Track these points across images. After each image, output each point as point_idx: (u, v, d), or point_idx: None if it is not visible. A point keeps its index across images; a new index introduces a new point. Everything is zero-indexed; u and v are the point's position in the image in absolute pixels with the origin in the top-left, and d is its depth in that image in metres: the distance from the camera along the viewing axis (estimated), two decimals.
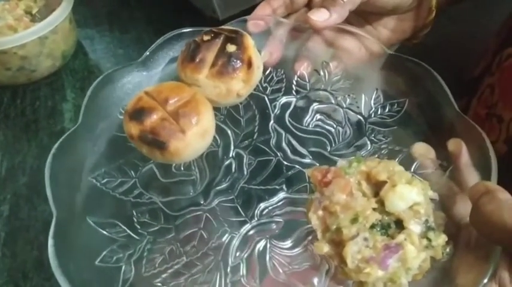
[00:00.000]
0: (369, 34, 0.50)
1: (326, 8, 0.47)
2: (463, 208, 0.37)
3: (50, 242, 0.35)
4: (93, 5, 0.86)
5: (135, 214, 0.41)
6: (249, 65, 0.43)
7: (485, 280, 0.32)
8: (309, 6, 0.51)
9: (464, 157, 0.40)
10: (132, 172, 0.44)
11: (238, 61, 0.43)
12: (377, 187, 0.38)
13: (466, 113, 0.58)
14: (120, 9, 0.85)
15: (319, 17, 0.46)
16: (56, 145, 0.41)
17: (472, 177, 0.39)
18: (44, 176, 0.58)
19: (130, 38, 0.79)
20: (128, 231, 0.40)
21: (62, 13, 0.67)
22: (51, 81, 0.72)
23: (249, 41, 0.45)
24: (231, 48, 0.43)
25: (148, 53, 0.48)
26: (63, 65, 0.74)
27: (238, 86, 0.44)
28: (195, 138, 0.40)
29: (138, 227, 0.41)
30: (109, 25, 0.82)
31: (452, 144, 0.41)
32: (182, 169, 0.44)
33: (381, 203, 0.37)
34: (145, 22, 0.82)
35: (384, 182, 0.37)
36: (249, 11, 0.68)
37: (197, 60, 0.43)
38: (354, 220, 0.35)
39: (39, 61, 0.69)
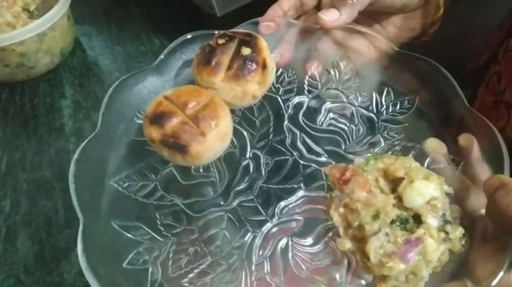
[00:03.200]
0: (378, 33, 0.51)
1: (336, 8, 0.47)
2: (476, 201, 0.38)
3: (79, 246, 0.36)
4: (90, 2, 0.87)
5: (158, 216, 0.42)
6: (264, 67, 0.44)
7: (503, 271, 0.33)
8: (319, 8, 0.52)
9: (476, 151, 0.41)
10: (153, 175, 0.45)
11: (253, 64, 0.44)
12: (394, 184, 0.39)
13: (473, 101, 0.59)
14: (118, 6, 0.85)
15: (329, 16, 0.47)
16: (77, 151, 0.41)
17: (483, 171, 0.40)
18: (45, 172, 0.59)
19: (127, 35, 0.80)
20: (152, 233, 0.41)
21: (59, 10, 0.68)
22: (49, 78, 0.73)
23: (263, 44, 0.45)
24: (246, 51, 0.44)
25: (162, 57, 0.48)
26: (61, 62, 0.75)
27: (254, 88, 0.44)
28: (215, 140, 0.41)
29: (162, 229, 0.42)
30: (107, 22, 0.83)
31: (463, 139, 0.42)
32: (201, 170, 0.45)
33: (399, 199, 0.38)
34: (142, 19, 0.82)
35: (401, 179, 0.38)
36: (247, 8, 0.69)
37: (213, 63, 0.44)
38: (376, 217, 0.36)
39: (38, 58, 0.69)
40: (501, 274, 0.33)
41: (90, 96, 0.71)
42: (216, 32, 0.48)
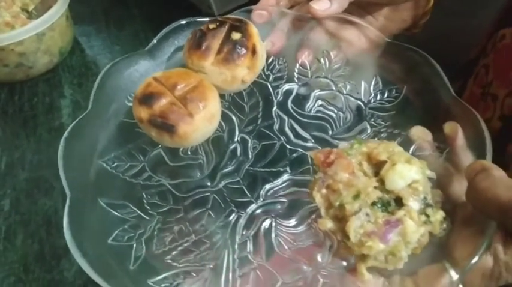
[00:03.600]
0: (369, 24, 0.52)
1: None
2: (459, 188, 0.39)
3: (65, 220, 0.37)
4: (89, 2, 0.87)
5: (145, 195, 0.43)
6: (254, 52, 0.45)
7: (481, 252, 0.33)
8: None
9: (460, 139, 0.42)
10: (141, 156, 0.46)
11: (243, 48, 0.44)
12: (377, 167, 0.40)
13: (463, 93, 0.60)
14: (116, 6, 0.86)
15: (320, 6, 0.48)
16: (67, 130, 0.42)
17: (467, 158, 0.40)
18: (45, 171, 0.60)
19: (126, 35, 0.80)
20: (139, 212, 0.42)
21: (58, 10, 0.68)
22: (48, 78, 0.73)
23: (253, 29, 0.46)
24: (236, 36, 0.45)
25: (155, 42, 0.49)
26: (60, 62, 0.75)
27: (243, 73, 0.45)
28: (202, 122, 0.42)
29: (148, 208, 0.42)
30: (105, 22, 0.83)
31: (449, 127, 0.43)
32: (189, 153, 0.46)
33: (382, 182, 0.38)
34: (141, 18, 0.83)
35: (384, 162, 0.39)
36: (244, 7, 0.69)
37: (203, 47, 0.45)
38: (356, 197, 0.37)
39: (37, 58, 0.70)
40: (479, 254, 0.33)
41: (89, 96, 0.69)
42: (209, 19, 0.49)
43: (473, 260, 0.34)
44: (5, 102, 0.70)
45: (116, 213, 0.41)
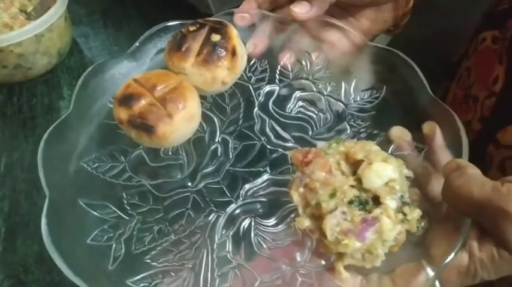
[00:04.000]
0: (351, 26, 0.53)
1: (307, 0, 0.49)
2: (438, 187, 0.39)
3: (43, 221, 0.37)
4: (87, 3, 0.87)
5: (125, 196, 0.43)
6: (233, 53, 0.45)
7: (456, 249, 0.34)
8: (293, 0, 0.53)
9: (438, 139, 0.42)
10: (122, 157, 0.46)
11: (222, 50, 0.45)
12: (355, 167, 0.40)
13: (446, 96, 0.60)
14: (114, 7, 0.86)
15: (301, 9, 0.48)
16: (47, 131, 0.42)
17: (445, 157, 0.41)
18: None
19: (124, 35, 0.80)
20: (118, 212, 0.42)
21: (57, 11, 0.68)
22: (47, 79, 0.73)
23: (233, 31, 0.47)
24: (216, 37, 0.45)
25: (137, 45, 0.50)
26: (59, 63, 0.75)
27: (223, 74, 0.45)
28: (181, 122, 0.42)
29: (128, 208, 0.42)
30: (103, 22, 0.83)
31: (427, 127, 0.43)
32: (170, 153, 0.46)
33: (359, 181, 0.39)
34: (139, 19, 0.83)
35: (362, 161, 0.39)
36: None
37: (183, 49, 0.45)
38: (332, 195, 0.37)
39: (36, 59, 0.70)
40: (454, 252, 0.34)
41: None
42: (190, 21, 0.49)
43: (449, 258, 0.34)
44: (4, 104, 0.70)
45: (95, 213, 0.42)
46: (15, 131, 0.66)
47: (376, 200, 0.38)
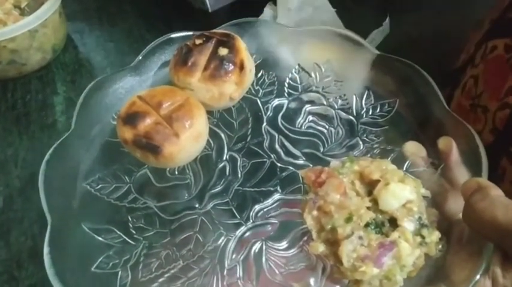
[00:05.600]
0: None
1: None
2: (455, 205, 0.38)
3: (46, 250, 0.35)
4: None
5: (130, 219, 0.42)
6: (241, 67, 0.44)
7: (478, 276, 0.32)
8: None
9: (455, 155, 0.40)
10: (126, 177, 0.44)
11: (230, 64, 0.43)
12: (370, 186, 0.38)
13: (449, 104, 0.58)
14: (110, 3, 0.85)
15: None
16: (49, 152, 0.41)
17: (462, 174, 0.39)
18: (38, 168, 0.58)
19: (120, 31, 0.79)
20: (124, 237, 0.40)
21: (51, 6, 0.68)
22: (41, 75, 0.73)
23: (241, 44, 0.45)
24: (223, 51, 0.44)
25: (140, 58, 0.48)
26: (53, 59, 0.74)
27: (231, 89, 0.44)
28: (189, 141, 0.41)
29: (134, 232, 0.41)
30: (98, 19, 0.82)
31: (443, 142, 0.42)
32: (176, 173, 0.45)
33: (375, 202, 0.37)
34: (134, 15, 0.82)
35: (377, 181, 0.37)
36: (238, 3, 0.68)
37: (189, 64, 0.43)
38: (348, 219, 0.35)
39: (30, 55, 0.69)
40: (476, 278, 0.32)
41: (82, 93, 0.69)
42: (195, 33, 0.48)
43: (471, 284, 0.32)
44: None
45: (100, 238, 0.40)
46: (9, 127, 0.65)
47: (393, 222, 0.36)
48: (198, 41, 0.45)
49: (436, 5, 0.59)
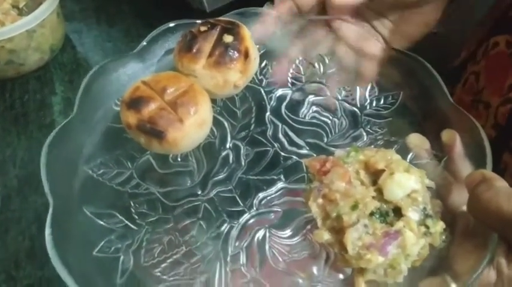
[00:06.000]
0: (391, 33, 0.50)
1: None
2: (458, 197, 0.38)
3: (47, 231, 0.35)
4: None
5: (132, 204, 0.41)
6: (246, 55, 0.44)
7: (483, 266, 0.32)
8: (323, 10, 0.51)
9: (458, 148, 0.41)
10: (129, 163, 0.44)
11: (235, 52, 0.43)
12: (375, 176, 0.38)
13: None
14: (108, 3, 0.85)
15: None
16: (50, 136, 0.40)
17: (465, 167, 0.39)
18: (36, 168, 0.58)
19: (118, 31, 0.79)
20: (126, 221, 0.40)
21: (49, 6, 0.67)
22: (39, 75, 0.72)
23: (246, 32, 0.45)
24: (228, 38, 0.43)
25: (144, 44, 0.47)
26: (51, 59, 0.74)
27: (236, 77, 0.44)
28: (193, 128, 0.40)
29: (136, 217, 0.40)
30: (96, 18, 0.82)
31: (446, 135, 0.42)
32: (179, 159, 0.44)
33: (379, 191, 0.37)
34: (132, 15, 0.82)
35: (382, 171, 0.37)
36: (236, 3, 0.68)
37: (194, 50, 0.43)
38: (354, 207, 0.35)
39: (28, 55, 0.69)
40: (481, 269, 0.32)
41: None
42: (200, 21, 0.47)
43: (476, 274, 0.32)
44: None
45: (101, 223, 0.39)
46: (7, 127, 0.65)
47: (397, 212, 0.36)
48: (202, 28, 0.44)
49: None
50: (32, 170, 0.60)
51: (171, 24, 0.49)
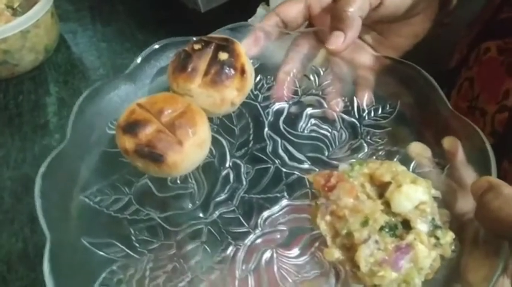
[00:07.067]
0: (380, 45, 0.50)
1: (337, 29, 0.45)
2: (464, 204, 0.37)
3: (46, 266, 0.33)
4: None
5: (132, 231, 0.40)
6: (242, 72, 0.43)
7: (497, 275, 0.32)
8: (311, 23, 0.50)
9: (460, 155, 0.40)
10: (126, 188, 0.42)
11: (231, 69, 0.42)
12: (380, 189, 0.38)
13: None
14: (102, 3, 0.85)
15: (337, 42, 0.44)
16: (44, 164, 0.39)
17: (468, 174, 0.39)
18: (29, 169, 0.58)
19: (112, 31, 0.79)
20: (127, 250, 0.39)
21: (43, 7, 0.67)
22: (34, 76, 0.72)
23: (241, 48, 0.44)
24: (223, 56, 0.43)
25: (135, 65, 0.46)
26: (46, 59, 0.74)
27: (232, 95, 0.43)
28: (192, 149, 0.39)
29: (137, 245, 0.39)
30: (91, 19, 0.82)
31: (448, 142, 0.41)
32: (178, 182, 0.43)
33: (387, 204, 0.36)
34: (127, 15, 0.82)
35: (388, 183, 0.37)
36: (231, 3, 0.68)
37: (189, 69, 0.42)
38: (364, 223, 0.35)
39: (22, 55, 0.68)
40: (495, 278, 0.32)
41: (75, 94, 0.71)
42: (193, 38, 0.46)
43: (490, 284, 0.32)
44: None
45: (101, 253, 0.38)
46: (1, 128, 0.65)
47: (406, 224, 0.36)
48: (196, 46, 0.43)
49: None
50: (26, 172, 0.60)
51: (162, 43, 0.48)
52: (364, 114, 0.47)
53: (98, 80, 0.44)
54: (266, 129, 0.47)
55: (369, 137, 0.46)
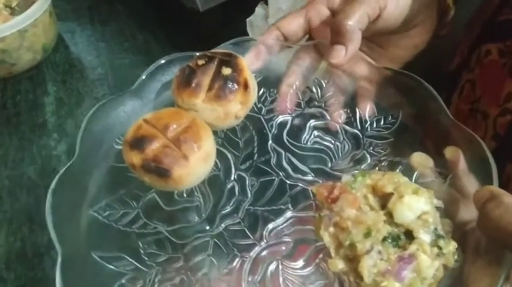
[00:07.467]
0: (380, 57, 0.51)
1: (338, 43, 0.45)
2: (467, 214, 0.38)
3: (58, 281, 0.34)
4: None
5: (141, 245, 0.41)
6: (246, 86, 0.44)
7: (500, 284, 0.32)
8: (311, 36, 0.51)
9: (462, 164, 0.41)
10: (134, 202, 0.43)
11: (234, 84, 0.43)
12: (383, 200, 0.38)
13: (448, 109, 0.59)
14: (101, 2, 0.85)
15: (339, 55, 0.45)
16: (54, 181, 0.40)
17: (471, 183, 0.39)
18: (27, 169, 0.58)
19: (111, 31, 0.79)
20: (136, 263, 0.39)
21: (41, 6, 0.67)
22: (32, 75, 0.72)
23: (244, 63, 0.45)
24: (227, 71, 0.44)
25: (140, 81, 0.47)
26: (44, 59, 0.74)
27: (236, 109, 0.44)
28: (198, 163, 0.40)
29: (146, 258, 0.40)
30: (90, 18, 0.82)
31: (449, 151, 0.42)
32: (185, 195, 0.44)
33: (389, 215, 0.37)
34: (126, 15, 0.82)
35: (390, 194, 0.37)
36: (228, 3, 0.69)
37: (193, 85, 0.43)
38: (367, 234, 0.35)
39: (20, 54, 0.68)
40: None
41: (73, 93, 0.70)
42: (196, 53, 0.47)
43: None
44: None
45: (111, 267, 0.39)
46: None
47: (408, 235, 0.36)
48: (200, 62, 0.45)
49: None
50: (24, 171, 0.60)
51: (166, 59, 0.49)
52: (366, 126, 0.48)
53: (96, 79, 0.44)
54: (270, 141, 0.47)
55: (371, 148, 0.46)
